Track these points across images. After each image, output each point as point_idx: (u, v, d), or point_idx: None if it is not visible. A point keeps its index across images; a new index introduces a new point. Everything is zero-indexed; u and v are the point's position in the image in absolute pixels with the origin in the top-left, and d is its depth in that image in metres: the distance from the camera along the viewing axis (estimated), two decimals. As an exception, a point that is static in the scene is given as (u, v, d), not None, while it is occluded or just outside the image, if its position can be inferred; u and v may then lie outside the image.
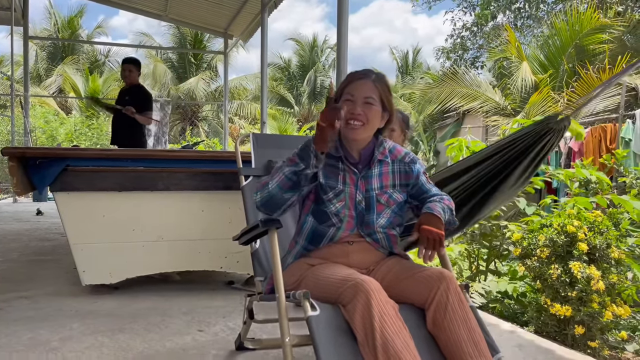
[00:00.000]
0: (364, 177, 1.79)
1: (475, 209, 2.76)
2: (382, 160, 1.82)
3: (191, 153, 3.64)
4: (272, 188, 1.69)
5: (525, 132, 2.61)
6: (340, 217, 1.74)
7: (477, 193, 2.72)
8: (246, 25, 8.66)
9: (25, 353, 2.10)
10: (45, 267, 3.75)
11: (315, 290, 1.60)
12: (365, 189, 1.78)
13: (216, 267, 3.14)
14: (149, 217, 3.01)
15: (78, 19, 22.60)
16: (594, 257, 3.01)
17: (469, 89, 12.24)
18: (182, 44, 22.32)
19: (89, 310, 2.69)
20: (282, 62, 25.58)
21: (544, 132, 2.54)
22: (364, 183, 1.78)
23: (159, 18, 9.98)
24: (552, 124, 2.53)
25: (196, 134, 21.16)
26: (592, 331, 2.97)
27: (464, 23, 19.37)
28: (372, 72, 1.80)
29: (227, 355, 2.13)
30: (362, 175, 1.79)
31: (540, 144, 2.57)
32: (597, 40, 11.11)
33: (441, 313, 1.54)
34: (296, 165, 1.65)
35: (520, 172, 2.64)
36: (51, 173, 2.83)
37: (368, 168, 1.80)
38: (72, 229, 2.90)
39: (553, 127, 2.53)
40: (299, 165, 1.65)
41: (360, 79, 1.76)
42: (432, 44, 79.93)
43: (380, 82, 1.77)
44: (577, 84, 9.88)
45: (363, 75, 1.77)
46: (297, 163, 1.65)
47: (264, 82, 7.61)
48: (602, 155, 6.79)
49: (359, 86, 1.75)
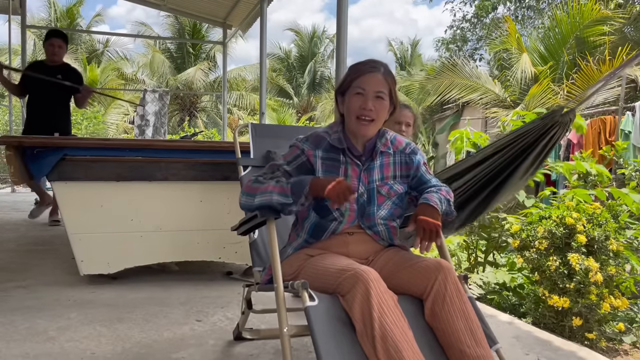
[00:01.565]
0: (367, 169, 1.77)
1: (483, 204, 2.82)
2: (384, 151, 1.80)
3: (190, 143, 3.63)
4: (256, 203, 1.68)
5: (531, 126, 2.63)
6: (341, 211, 1.73)
7: (485, 188, 2.77)
8: (245, 15, 8.60)
9: (23, 342, 2.10)
10: (44, 256, 3.75)
11: (314, 280, 1.59)
12: (367, 181, 1.76)
13: (214, 258, 3.13)
14: (148, 207, 3.00)
15: (77, 7, 22.44)
16: (592, 249, 3.02)
17: (468, 81, 12.21)
18: (181, 34, 22.20)
19: (87, 300, 2.69)
20: (282, 52, 25.47)
21: (549, 125, 2.57)
22: (366, 175, 1.77)
23: (157, 8, 9.91)
24: (558, 117, 2.55)
25: (195, 125, 21.10)
26: (590, 323, 2.98)
27: (464, 14, 19.30)
28: (380, 64, 1.75)
29: (225, 345, 2.14)
30: (365, 168, 1.77)
31: (546, 137, 2.60)
32: (597, 32, 11.07)
33: (439, 304, 1.53)
34: (285, 197, 1.63)
35: (526, 167, 2.68)
36: (49, 162, 2.81)
37: (371, 160, 1.78)
38: (70, 218, 2.89)
39: (559, 121, 2.55)
40: (288, 198, 1.63)
41: (370, 72, 1.71)
42: (432, 35, 79.70)
43: (389, 75, 1.74)
44: (577, 76, 9.86)
45: (372, 68, 1.72)
46: (286, 195, 1.63)
47: (263, 72, 7.57)
48: (602, 148, 6.79)
49: (369, 79, 1.70)
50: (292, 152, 1.80)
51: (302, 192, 1.62)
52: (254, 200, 1.69)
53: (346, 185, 1.59)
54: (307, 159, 1.77)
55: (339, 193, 1.58)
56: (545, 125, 2.57)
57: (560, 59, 11.33)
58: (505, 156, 2.67)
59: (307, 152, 1.77)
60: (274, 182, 1.69)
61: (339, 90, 1.79)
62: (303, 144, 1.79)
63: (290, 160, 1.78)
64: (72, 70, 4.83)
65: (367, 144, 1.78)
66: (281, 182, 1.67)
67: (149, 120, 8.03)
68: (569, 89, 9.84)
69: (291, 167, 1.77)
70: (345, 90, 1.75)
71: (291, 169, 1.76)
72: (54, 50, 4.66)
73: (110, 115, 20.04)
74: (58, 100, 4.73)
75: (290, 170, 1.76)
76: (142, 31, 22.57)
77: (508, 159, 2.67)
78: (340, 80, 1.81)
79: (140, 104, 8.07)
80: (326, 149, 1.77)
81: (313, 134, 1.81)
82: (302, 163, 1.77)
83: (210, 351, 2.07)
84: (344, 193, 1.58)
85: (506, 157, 2.67)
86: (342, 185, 1.58)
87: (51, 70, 4.65)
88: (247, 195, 1.72)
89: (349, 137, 1.78)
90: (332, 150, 1.77)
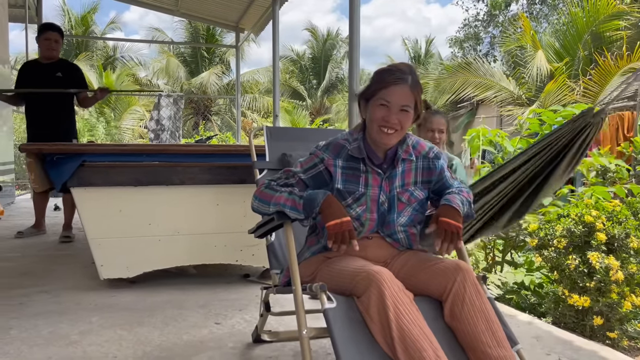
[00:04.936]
0: (389, 177, 1.74)
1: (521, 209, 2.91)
2: (406, 158, 1.76)
3: (205, 147, 3.66)
4: (270, 210, 1.68)
5: (563, 129, 2.67)
6: (361, 221, 1.71)
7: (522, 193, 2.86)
8: (257, 18, 8.64)
9: (46, 346, 2.13)
10: (64, 261, 3.80)
11: (330, 282, 1.59)
12: (389, 190, 1.74)
13: (232, 261, 3.15)
14: (165, 211, 3.03)
15: (91, 15, 22.76)
16: (612, 247, 2.97)
17: (482, 79, 12.12)
18: (195, 38, 22.38)
19: (107, 304, 2.73)
20: (294, 54, 25.52)
21: (582, 127, 2.59)
22: (388, 184, 1.74)
23: (170, 13, 10.01)
24: (589, 118, 2.56)
25: (209, 128, 21.25)
26: (611, 322, 2.93)
27: (477, 11, 19.17)
28: (408, 74, 1.67)
29: (244, 347, 2.15)
30: (386, 176, 1.74)
31: (580, 139, 2.65)
32: (614, 26, 10.93)
33: (459, 305, 1.52)
34: (297, 212, 1.63)
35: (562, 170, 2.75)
36: (68, 169, 2.85)
37: (392, 168, 1.75)
38: (90, 223, 2.93)
39: (590, 122, 2.57)
40: (300, 213, 1.63)
41: (396, 83, 1.65)
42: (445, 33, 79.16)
43: (416, 85, 1.67)
44: (594, 72, 9.73)
45: (399, 80, 1.65)
46: (298, 210, 1.63)
47: (276, 75, 7.60)
48: (620, 144, 6.69)
49: (395, 92, 1.65)
50: (310, 160, 1.77)
51: (313, 210, 1.62)
52: (269, 208, 1.69)
53: (348, 229, 1.57)
54: (326, 167, 1.74)
55: (337, 233, 1.56)
56: (578, 127, 2.59)
57: (575, 55, 11.19)
58: (540, 161, 2.71)
59: (327, 160, 1.74)
60: (286, 193, 1.67)
61: (362, 96, 1.75)
62: (323, 152, 1.76)
63: (307, 169, 1.76)
64: (71, 66, 4.46)
65: (388, 152, 1.75)
66: (294, 195, 1.65)
67: (164, 125, 8.10)
68: (585, 85, 9.71)
69: (307, 175, 1.75)
70: (369, 98, 1.71)
71: (306, 178, 1.75)
72: (50, 45, 4.25)
73: (125, 121, 20.28)
74: (61, 105, 4.37)
75: (305, 179, 1.75)
76: (156, 36, 22.82)
77: (543, 164, 2.71)
78: (365, 86, 1.75)
79: (155, 109, 8.15)
80: (346, 158, 1.74)
81: (333, 141, 1.78)
82: (319, 172, 1.75)
83: (229, 354, 2.08)
84: (344, 235, 1.57)
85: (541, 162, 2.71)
86: (344, 226, 1.57)
87: (48, 68, 4.27)
88: (261, 202, 1.72)
89: (370, 145, 1.74)
90: (352, 159, 1.74)
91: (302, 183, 1.75)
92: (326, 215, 1.60)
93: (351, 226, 1.60)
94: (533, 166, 2.75)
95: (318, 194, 1.64)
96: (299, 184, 1.74)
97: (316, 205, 1.61)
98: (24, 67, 4.56)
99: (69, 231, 4.62)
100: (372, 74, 1.77)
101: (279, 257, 2.04)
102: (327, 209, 1.60)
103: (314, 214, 1.63)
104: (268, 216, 1.73)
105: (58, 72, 4.27)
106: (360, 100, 1.77)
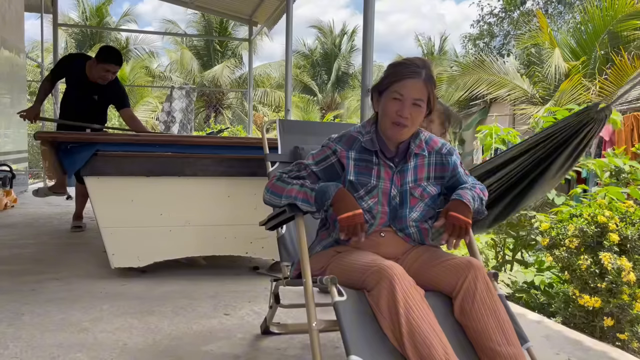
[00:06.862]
0: (400, 171, 1.74)
1: (515, 201, 2.79)
2: (419, 153, 1.76)
3: (218, 139, 3.67)
4: (282, 202, 1.69)
5: (566, 122, 2.58)
6: (373, 213, 1.71)
7: (517, 185, 2.74)
8: (271, 12, 8.63)
9: (57, 332, 2.16)
10: (76, 249, 3.84)
11: (340, 276, 1.59)
12: (400, 184, 1.74)
13: (242, 253, 3.17)
14: (176, 202, 3.04)
15: (106, 6, 22.87)
16: (625, 249, 2.95)
17: (496, 76, 12.03)
18: (208, 31, 22.41)
19: (118, 293, 2.75)
20: (306, 49, 25.48)
21: (584, 122, 2.51)
22: (399, 177, 1.74)
23: (184, 5, 10.02)
24: (593, 113, 2.49)
25: (220, 122, 21.30)
26: (622, 323, 2.91)
27: (492, 9, 19.01)
28: (422, 68, 1.67)
29: (253, 338, 2.16)
30: (398, 170, 1.74)
31: (581, 134, 2.54)
32: (631, 26, 10.79)
33: (469, 301, 1.52)
34: (308, 205, 1.64)
35: (560, 164, 2.63)
36: (82, 158, 2.88)
37: (404, 162, 1.75)
38: (102, 212, 2.96)
39: (594, 117, 2.49)
40: (312, 206, 1.64)
41: (410, 77, 1.65)
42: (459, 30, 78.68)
43: (430, 80, 1.67)
44: (610, 71, 9.62)
45: (414, 74, 1.65)
46: (310, 203, 1.64)
47: (289, 69, 7.58)
48: (635, 145, 6.61)
49: (409, 86, 1.65)
50: (323, 152, 1.78)
51: (324, 203, 1.63)
52: (281, 200, 1.70)
53: (360, 221, 1.59)
54: (338, 159, 1.75)
55: (349, 225, 1.58)
56: (581, 122, 2.51)
57: (592, 54, 11.07)
58: (538, 153, 2.61)
59: (340, 152, 1.75)
60: (298, 186, 1.68)
61: (375, 89, 1.75)
62: (336, 144, 1.76)
63: (319, 161, 1.77)
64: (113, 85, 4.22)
65: (400, 146, 1.75)
66: (305, 188, 1.66)
67: (175, 117, 8.14)
68: (601, 85, 9.60)
69: (319, 167, 1.76)
70: (382, 91, 1.71)
71: (318, 170, 1.76)
72: (107, 77, 4.10)
73: (138, 112, 20.39)
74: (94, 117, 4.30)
75: (317, 171, 1.76)
76: (170, 28, 22.88)
77: (541, 156, 2.61)
78: (378, 78, 1.75)
79: (167, 100, 8.18)
80: (359, 150, 1.75)
81: (346, 134, 1.79)
82: (331, 165, 1.76)
83: (238, 344, 2.10)
84: (355, 228, 1.58)
85: (539, 154, 2.61)
86: (356, 219, 1.58)
87: (90, 86, 4.18)
88: (272, 194, 1.73)
89: (382, 138, 1.75)
90: (365, 151, 1.74)
91: (314, 175, 1.75)
92: (338, 208, 1.60)
93: (363, 219, 1.60)
94: (528, 160, 2.65)
95: (330, 186, 1.64)
96: (310, 177, 1.74)
97: (328, 197, 1.61)
98: (68, 64, 4.30)
99: (80, 221, 4.66)
100: (386, 66, 1.77)
101: (290, 250, 2.04)
102: (339, 202, 1.61)
103: (325, 207, 1.63)
104: (280, 208, 1.74)
105: (95, 94, 4.21)
106: (373, 92, 1.77)
